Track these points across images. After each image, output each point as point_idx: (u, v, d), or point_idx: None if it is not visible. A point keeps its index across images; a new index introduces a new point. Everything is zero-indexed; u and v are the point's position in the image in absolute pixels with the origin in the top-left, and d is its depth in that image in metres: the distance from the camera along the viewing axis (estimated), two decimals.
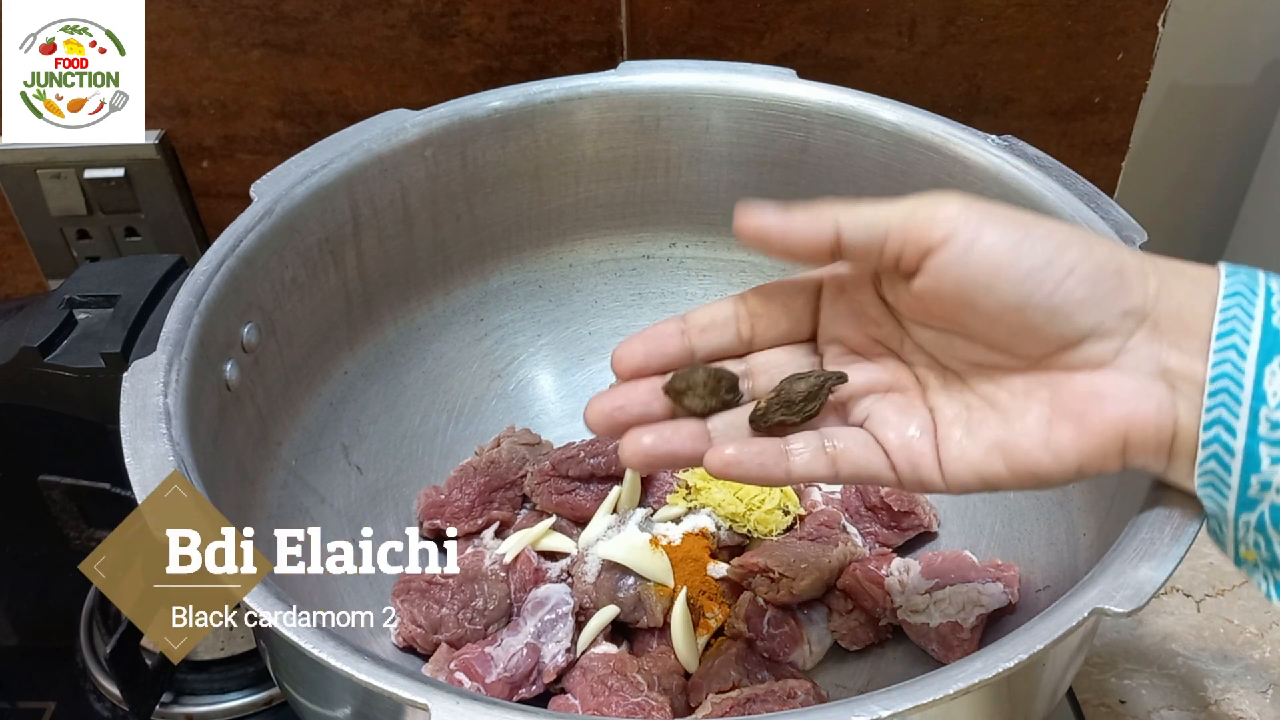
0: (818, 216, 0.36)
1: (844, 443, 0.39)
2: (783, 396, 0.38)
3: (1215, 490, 0.35)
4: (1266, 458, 0.34)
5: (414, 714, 0.34)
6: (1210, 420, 0.34)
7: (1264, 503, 0.34)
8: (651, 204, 0.63)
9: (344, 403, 0.57)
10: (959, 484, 0.37)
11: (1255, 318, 0.34)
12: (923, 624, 0.51)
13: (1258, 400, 0.33)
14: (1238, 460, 0.34)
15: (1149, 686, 0.57)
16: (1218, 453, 0.34)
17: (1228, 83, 0.92)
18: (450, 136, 0.57)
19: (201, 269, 0.48)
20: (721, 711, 0.47)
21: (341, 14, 0.68)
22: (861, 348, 0.40)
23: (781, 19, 0.69)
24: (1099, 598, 0.35)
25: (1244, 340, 0.34)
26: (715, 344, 0.40)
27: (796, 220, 0.36)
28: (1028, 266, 0.34)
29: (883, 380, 0.40)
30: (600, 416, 0.39)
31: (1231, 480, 0.34)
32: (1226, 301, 0.34)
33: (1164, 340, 0.35)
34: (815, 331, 0.41)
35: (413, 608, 0.52)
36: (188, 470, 0.40)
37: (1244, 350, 0.34)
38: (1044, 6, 0.68)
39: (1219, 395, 0.34)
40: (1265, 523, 0.34)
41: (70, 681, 0.59)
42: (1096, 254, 0.35)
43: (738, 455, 0.38)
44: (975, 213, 0.35)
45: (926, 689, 0.33)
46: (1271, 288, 0.35)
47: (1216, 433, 0.34)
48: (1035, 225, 0.35)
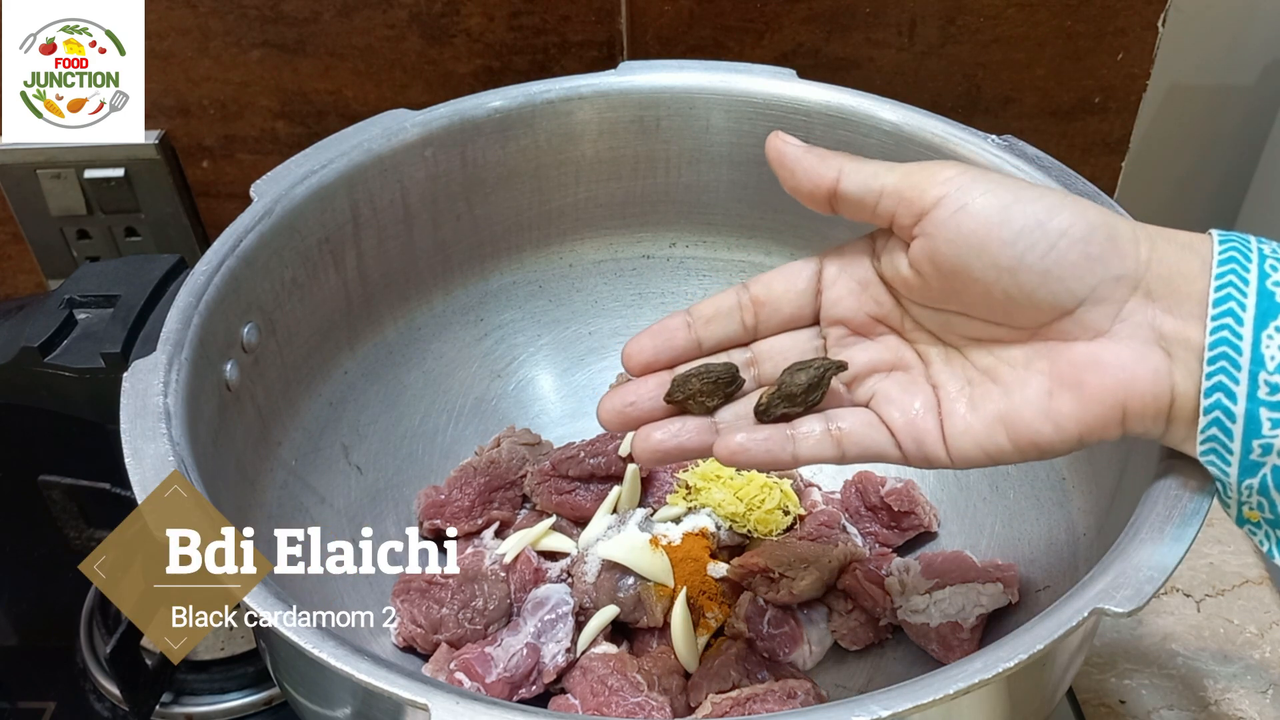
0: (825, 160, 0.38)
1: (849, 424, 0.39)
2: (784, 390, 0.39)
3: (1218, 456, 0.35)
4: (1267, 421, 0.34)
5: (414, 714, 0.34)
6: (1210, 386, 0.34)
7: (1266, 466, 0.35)
8: (651, 204, 0.63)
9: (344, 403, 0.57)
10: (964, 458, 0.38)
11: (1250, 283, 0.34)
12: (923, 624, 0.51)
13: (1256, 364, 0.34)
14: (1239, 425, 0.34)
15: (1149, 686, 0.57)
16: (1219, 418, 0.35)
17: (1228, 83, 0.92)
18: (450, 136, 0.57)
19: (201, 269, 0.48)
20: (721, 711, 0.47)
21: (341, 14, 0.68)
22: (864, 328, 0.41)
23: (781, 19, 0.69)
24: (1099, 598, 0.35)
25: (1240, 306, 0.34)
26: (721, 334, 0.41)
27: (808, 158, 0.39)
28: (1018, 227, 0.35)
29: (885, 359, 0.40)
30: (612, 414, 0.40)
31: (1234, 445, 0.35)
32: (1221, 268, 0.35)
33: (1157, 306, 0.35)
34: (818, 315, 0.41)
35: (413, 608, 0.52)
36: (188, 470, 0.40)
37: (1241, 316, 0.34)
38: (1044, 6, 0.68)
39: (1218, 361, 0.34)
40: (1268, 485, 0.35)
41: (70, 681, 0.59)
42: (1089, 217, 0.35)
43: (745, 444, 0.39)
44: (968, 178, 0.36)
45: (926, 689, 0.33)
46: (1264, 251, 0.35)
47: (1217, 399, 0.34)
48: (1026, 189, 0.36)
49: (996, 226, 0.35)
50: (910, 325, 0.40)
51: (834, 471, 0.62)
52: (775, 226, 0.62)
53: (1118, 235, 0.36)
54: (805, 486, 0.59)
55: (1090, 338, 0.36)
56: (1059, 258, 0.35)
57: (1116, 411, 0.36)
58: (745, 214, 0.62)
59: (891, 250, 0.39)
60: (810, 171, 0.38)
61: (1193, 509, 0.37)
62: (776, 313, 0.41)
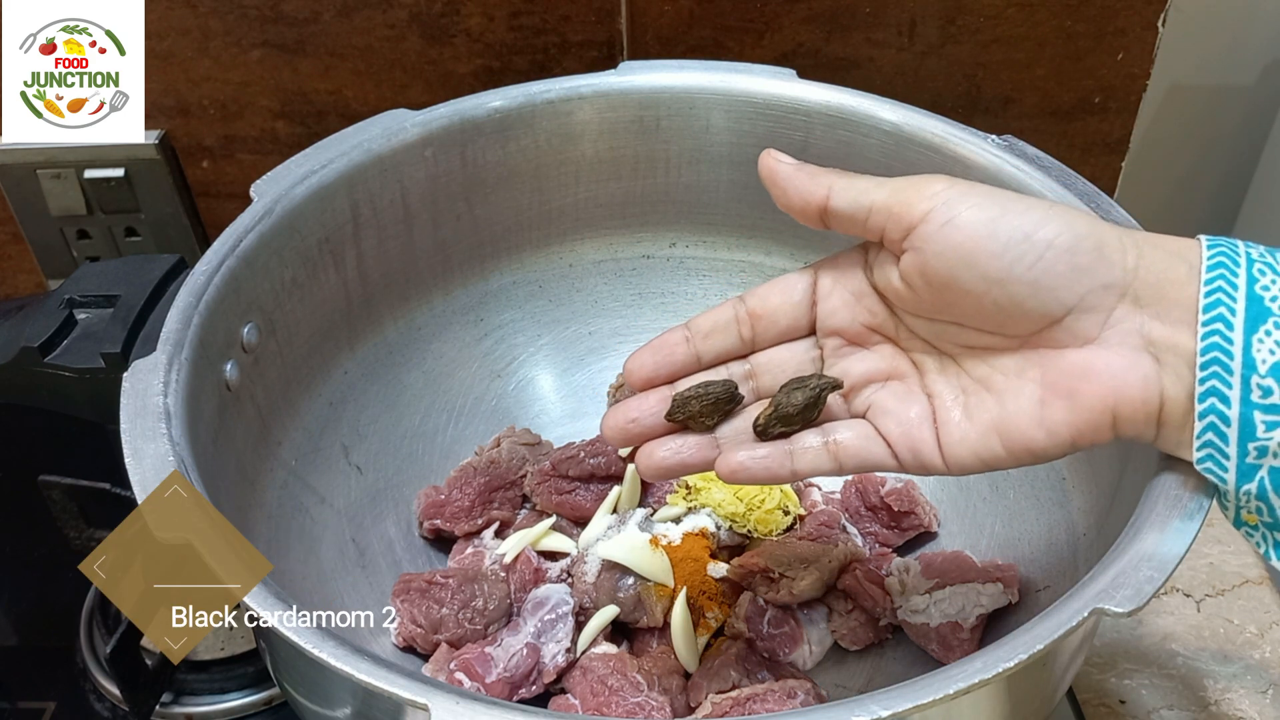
0: (816, 178, 0.39)
1: (845, 437, 0.40)
2: (780, 410, 0.40)
3: (1215, 463, 0.36)
4: (1261, 424, 0.34)
5: (414, 714, 0.34)
6: (1204, 392, 0.35)
7: (1262, 469, 0.35)
8: (651, 204, 0.63)
9: (344, 403, 0.57)
10: (959, 466, 0.39)
11: (1239, 287, 0.35)
12: (923, 624, 0.51)
13: (1248, 368, 0.34)
14: (1234, 429, 0.35)
15: (1149, 686, 0.57)
16: (1214, 423, 0.35)
17: (1228, 83, 0.92)
18: (450, 136, 0.57)
19: (201, 269, 0.48)
20: (721, 711, 0.47)
21: (341, 14, 0.68)
22: (859, 338, 0.41)
23: (781, 19, 0.69)
24: (1099, 598, 0.35)
25: (1230, 310, 0.35)
26: (719, 348, 0.42)
27: (799, 176, 0.39)
28: (1005, 239, 0.36)
29: (881, 369, 0.41)
30: (616, 431, 0.41)
31: (1230, 450, 0.35)
32: (1210, 274, 0.35)
33: (1146, 312, 0.36)
34: (814, 326, 0.42)
35: (413, 608, 0.52)
36: (188, 470, 0.40)
37: (1231, 320, 0.35)
38: (1044, 6, 0.68)
39: (1210, 367, 0.35)
40: (1265, 489, 0.35)
41: (70, 681, 0.59)
42: (1076, 228, 0.36)
43: (745, 463, 0.40)
44: (956, 191, 0.37)
45: (926, 689, 0.33)
46: (1252, 255, 0.36)
47: (1211, 403, 0.35)
48: (1014, 201, 0.37)
49: (984, 239, 0.36)
50: (905, 334, 0.41)
51: None
52: (775, 226, 0.62)
53: (1104, 244, 0.36)
54: (805, 486, 0.59)
55: (1080, 345, 0.37)
56: (1047, 268, 0.36)
57: (1107, 417, 0.36)
58: (745, 214, 0.62)
59: (883, 263, 0.40)
60: (801, 189, 0.39)
61: (1193, 508, 0.37)
62: (773, 325, 0.42)
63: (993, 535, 0.55)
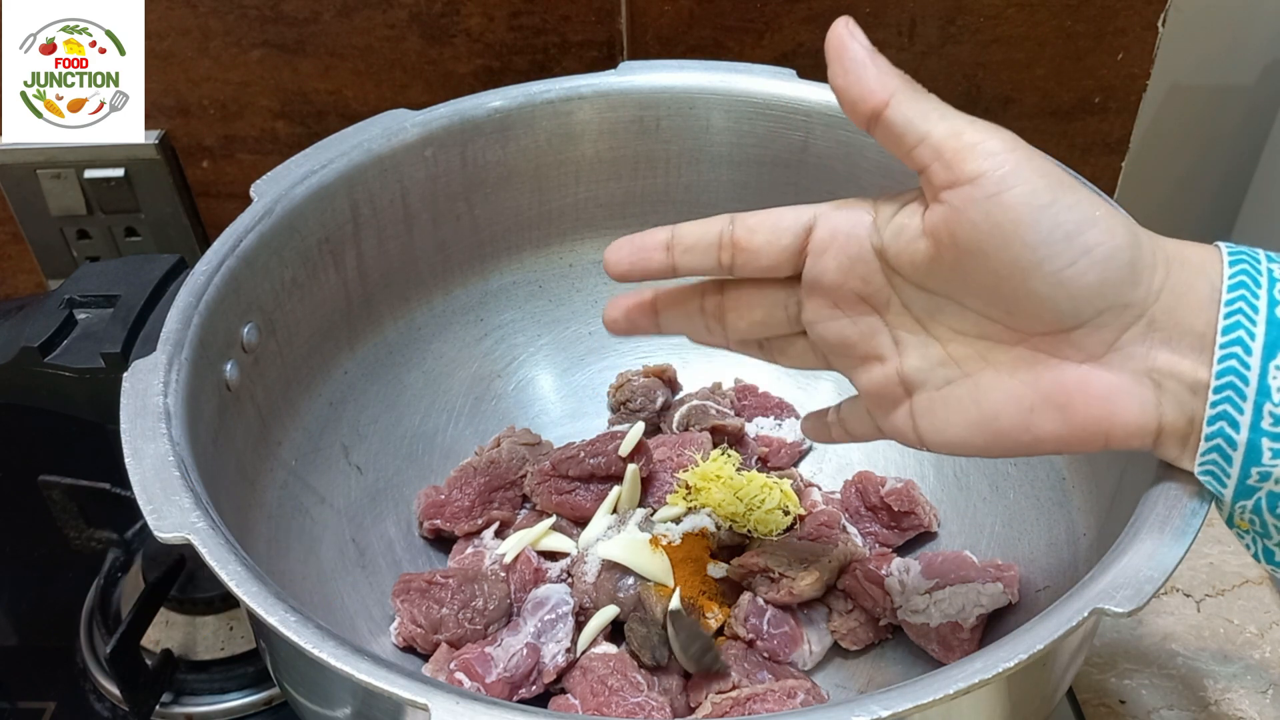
0: (884, 76, 0.36)
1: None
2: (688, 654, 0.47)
3: (1215, 479, 0.35)
4: (1268, 451, 0.34)
5: (414, 714, 0.34)
6: (1214, 415, 0.34)
7: (1261, 491, 0.35)
8: (651, 204, 0.63)
9: (344, 403, 0.57)
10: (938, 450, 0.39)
11: (1260, 310, 0.34)
12: (923, 624, 0.51)
13: (1262, 395, 0.34)
14: (1239, 453, 0.34)
15: (1149, 686, 0.56)
16: (1220, 445, 0.35)
17: (1228, 83, 0.92)
18: (450, 136, 0.57)
19: (201, 269, 0.48)
20: (721, 711, 0.47)
21: (341, 14, 0.68)
22: (845, 303, 0.39)
23: (781, 19, 0.69)
24: (1099, 598, 0.35)
25: (1249, 335, 0.34)
26: (695, 266, 0.41)
27: (868, 65, 0.36)
28: (1046, 232, 0.34)
29: (858, 347, 0.40)
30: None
31: (1232, 471, 0.35)
32: (1231, 293, 0.34)
33: (1156, 337, 0.35)
34: (797, 272, 0.40)
35: (413, 608, 0.52)
36: (188, 470, 0.40)
37: (1250, 346, 0.34)
38: (1044, 6, 0.68)
39: (1224, 391, 0.34)
40: (1261, 507, 0.35)
41: (70, 681, 0.59)
42: (1116, 237, 0.34)
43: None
44: (1013, 159, 0.34)
45: (926, 689, 0.33)
46: (1275, 274, 0.35)
47: (1220, 427, 0.34)
48: (1067, 192, 0.34)
49: (1027, 226, 0.34)
50: (896, 308, 0.38)
51: (834, 471, 0.62)
52: None
53: (1138, 261, 0.34)
54: (805, 486, 0.59)
55: (1081, 360, 0.36)
56: (1077, 274, 0.34)
57: (1099, 437, 0.36)
58: None
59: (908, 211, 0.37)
60: (864, 80, 0.36)
61: (1193, 509, 0.37)
62: (754, 260, 0.40)
63: (993, 535, 0.55)
